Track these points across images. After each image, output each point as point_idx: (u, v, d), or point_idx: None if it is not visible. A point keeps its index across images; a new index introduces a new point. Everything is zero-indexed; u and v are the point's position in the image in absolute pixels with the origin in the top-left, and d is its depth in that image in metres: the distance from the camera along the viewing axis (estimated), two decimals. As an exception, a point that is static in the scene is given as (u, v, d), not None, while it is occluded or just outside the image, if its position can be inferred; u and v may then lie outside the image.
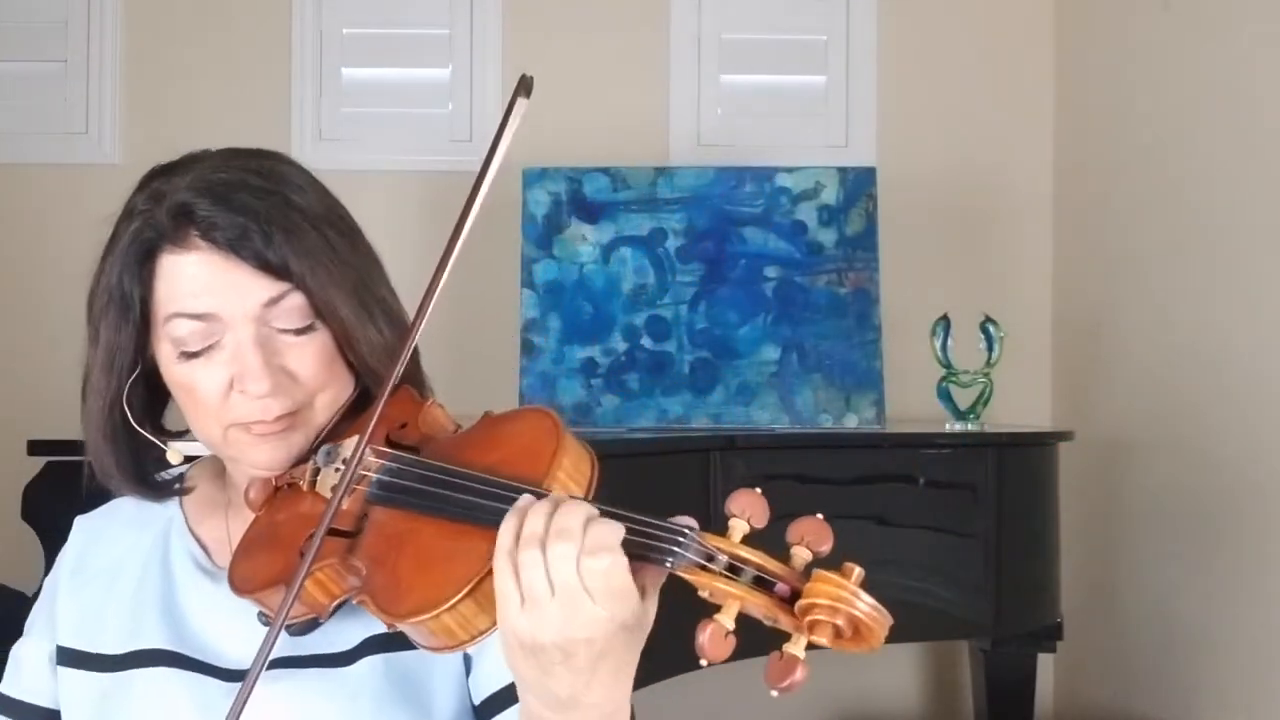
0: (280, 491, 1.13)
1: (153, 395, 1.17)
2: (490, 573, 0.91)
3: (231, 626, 1.15)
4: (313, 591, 1.03)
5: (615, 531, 0.87)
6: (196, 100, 3.27)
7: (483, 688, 1.13)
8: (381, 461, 1.05)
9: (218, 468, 1.23)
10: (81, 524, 1.26)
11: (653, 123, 3.33)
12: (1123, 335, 3.08)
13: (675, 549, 0.86)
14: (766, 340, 2.90)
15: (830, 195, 2.96)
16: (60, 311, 3.20)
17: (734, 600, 0.83)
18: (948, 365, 2.92)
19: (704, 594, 0.85)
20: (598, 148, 3.16)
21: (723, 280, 2.92)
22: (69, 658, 1.17)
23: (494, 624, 0.92)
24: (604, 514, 0.89)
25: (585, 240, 2.93)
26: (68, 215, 3.24)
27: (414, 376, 1.18)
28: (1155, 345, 2.93)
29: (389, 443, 1.08)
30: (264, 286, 1.09)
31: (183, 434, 1.18)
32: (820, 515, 0.86)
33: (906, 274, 3.22)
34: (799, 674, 0.81)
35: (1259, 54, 2.54)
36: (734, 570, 0.85)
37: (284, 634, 1.07)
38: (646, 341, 2.89)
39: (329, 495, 1.05)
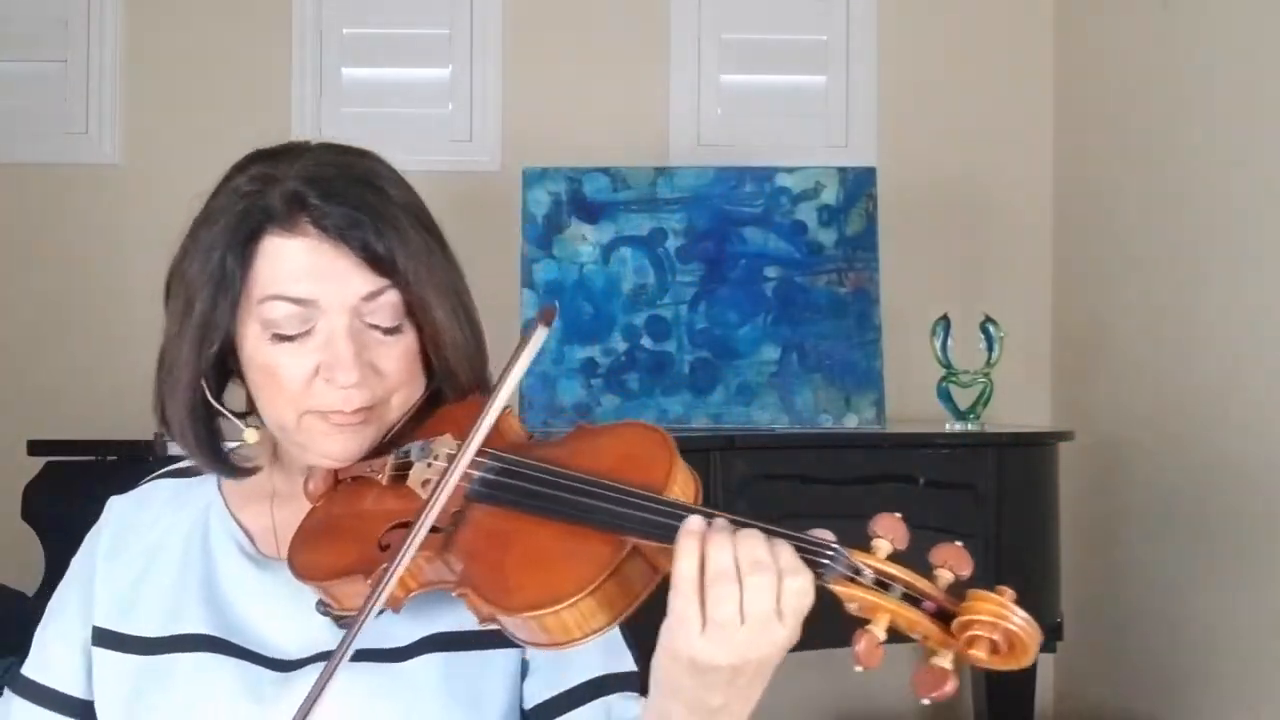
0: (343, 485, 1.15)
1: (217, 374, 1.17)
2: (614, 573, 0.94)
3: (279, 616, 1.15)
4: (395, 584, 1.04)
5: (795, 554, 0.90)
6: (196, 100, 3.27)
7: (539, 693, 1.14)
8: (484, 460, 1.07)
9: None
10: (116, 505, 1.25)
11: (653, 123, 3.33)
12: (1123, 335, 3.08)
13: (828, 562, 0.90)
14: (766, 340, 2.90)
15: (830, 195, 2.96)
16: (60, 311, 3.22)
17: (884, 613, 0.88)
18: (948, 365, 2.92)
19: (852, 607, 0.90)
20: (598, 148, 3.17)
21: (723, 280, 2.92)
22: (105, 639, 1.17)
23: (609, 624, 0.96)
24: (766, 532, 0.92)
25: (585, 240, 2.93)
26: (68, 215, 3.24)
27: (486, 383, 1.20)
28: (1155, 345, 2.92)
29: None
30: (365, 280, 1.11)
31: (244, 415, 1.19)
32: (960, 543, 0.91)
33: (906, 274, 3.22)
34: (950, 685, 0.86)
35: (1259, 54, 2.54)
36: (882, 585, 0.89)
37: (332, 626, 1.11)
38: (646, 341, 2.89)
39: (419, 490, 1.08)
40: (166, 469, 1.28)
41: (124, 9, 3.26)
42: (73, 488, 2.29)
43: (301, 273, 1.10)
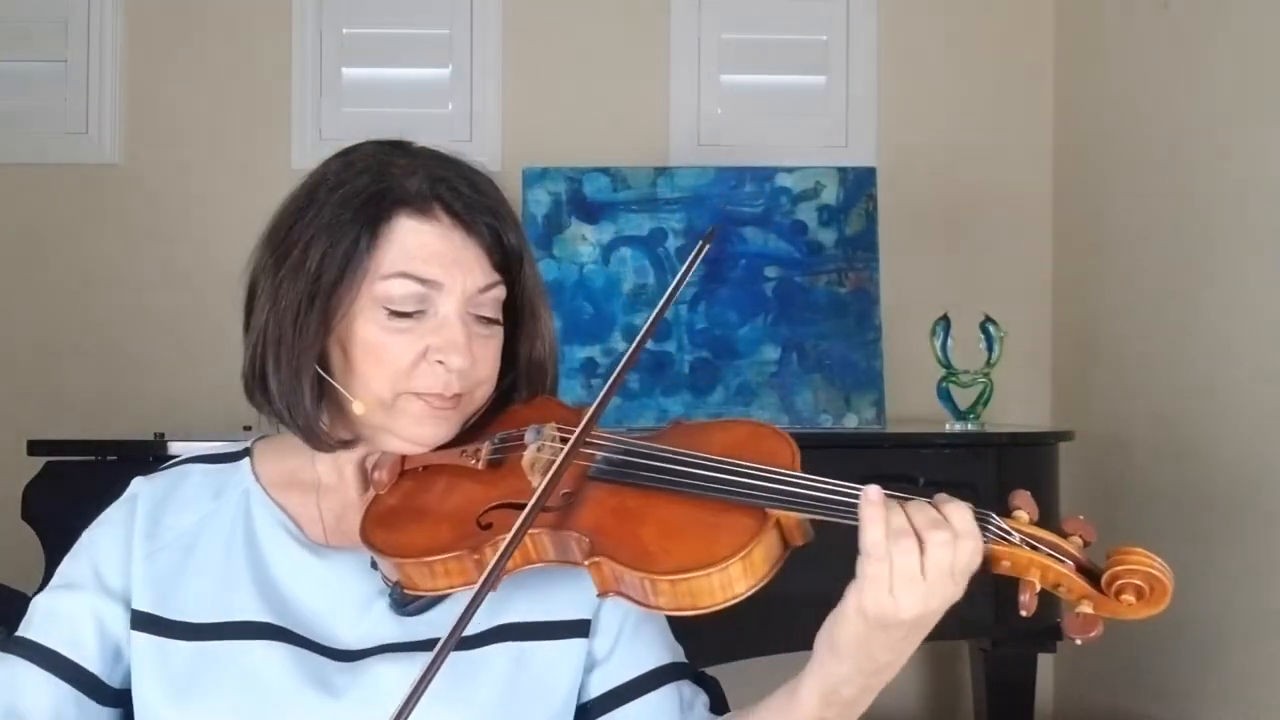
0: (412, 473, 1.17)
1: None
2: (760, 542, 1.01)
3: (337, 605, 1.15)
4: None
5: (968, 515, 0.99)
6: (196, 100, 3.27)
7: (609, 680, 1.18)
8: (602, 443, 1.13)
9: (284, 447, 1.23)
10: (144, 486, 1.23)
11: (653, 123, 3.33)
12: (1123, 335, 3.08)
13: (989, 526, 1.00)
14: (766, 340, 2.90)
15: (830, 195, 2.96)
16: (60, 311, 3.22)
17: (1036, 568, 1.00)
18: (948, 365, 2.92)
19: (1005, 565, 1.01)
20: (598, 148, 3.17)
21: (723, 280, 2.92)
22: (148, 623, 1.15)
23: (747, 591, 1.01)
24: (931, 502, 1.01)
25: (585, 240, 2.93)
26: (68, 215, 3.24)
27: (555, 388, 1.27)
28: (1155, 346, 2.92)
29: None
30: (485, 271, 1.17)
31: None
32: (1082, 516, 1.03)
33: (906, 274, 3.22)
34: (1100, 628, 1.00)
35: (1259, 54, 2.54)
36: (1031, 545, 1.00)
37: (392, 617, 1.13)
38: (647, 341, 2.89)
39: (529, 473, 1.11)
40: (190, 455, 1.27)
41: (124, 9, 3.26)
42: (73, 488, 2.29)
43: (431, 255, 1.14)
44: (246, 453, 1.26)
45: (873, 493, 1.01)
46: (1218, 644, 2.65)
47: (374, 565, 1.14)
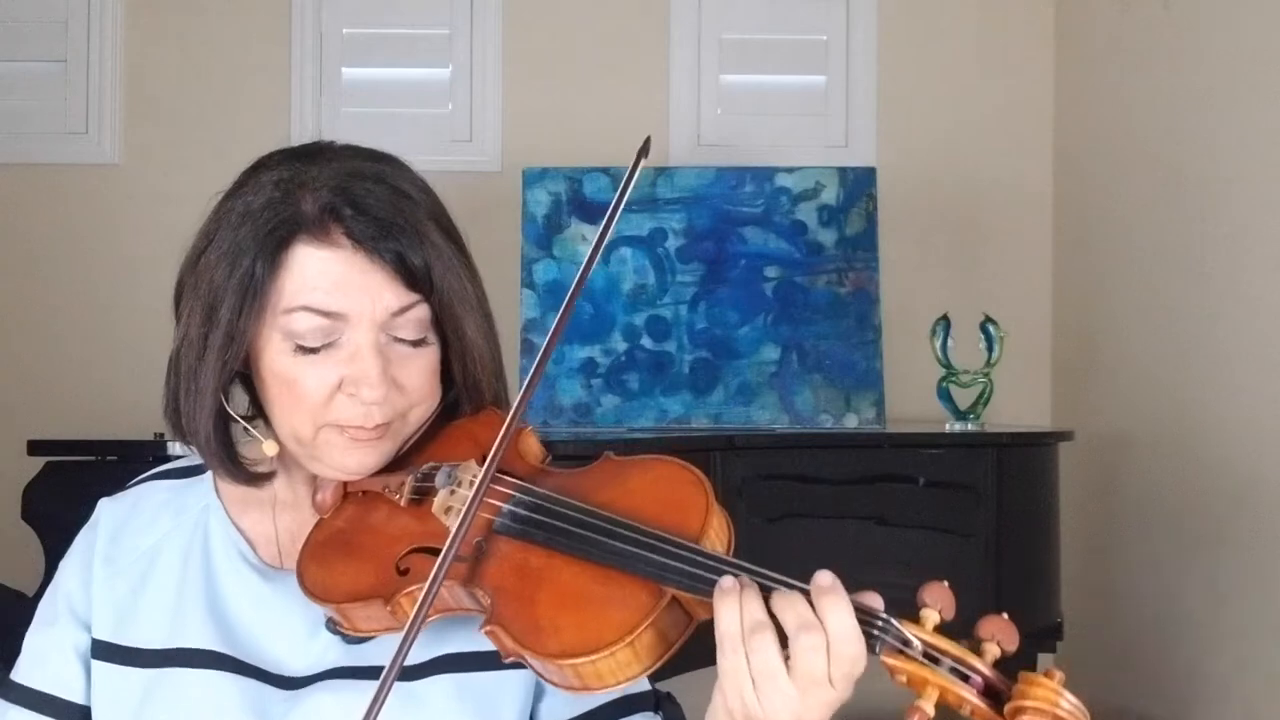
0: (353, 498, 1.13)
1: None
2: (653, 623, 0.93)
3: (285, 631, 1.12)
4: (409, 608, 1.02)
5: (847, 615, 0.89)
6: (196, 100, 3.27)
7: (558, 712, 1.13)
8: (510, 493, 1.05)
9: None
10: (109, 507, 1.20)
11: (653, 123, 3.32)
12: (1123, 335, 3.08)
13: (878, 632, 0.89)
14: (766, 340, 2.90)
15: (830, 195, 2.96)
16: (60, 311, 3.22)
17: (934, 688, 0.88)
18: (948, 365, 2.92)
19: (900, 679, 0.89)
20: (598, 148, 3.16)
21: (723, 280, 2.92)
22: (105, 652, 1.13)
23: (642, 672, 0.94)
24: (806, 594, 0.91)
25: (585, 240, 2.93)
26: (68, 215, 3.24)
27: (500, 397, 1.18)
28: (1155, 345, 2.92)
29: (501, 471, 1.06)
30: (397, 294, 1.08)
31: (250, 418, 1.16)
32: (1005, 615, 0.90)
33: (906, 274, 3.22)
34: None
35: (1259, 54, 2.54)
36: (931, 659, 0.88)
37: (340, 643, 1.09)
38: (646, 341, 2.89)
39: (443, 517, 1.06)
40: (157, 470, 1.24)
41: (124, 9, 3.26)
42: (73, 488, 2.29)
43: (332, 285, 1.07)
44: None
45: (726, 582, 0.92)
46: (1217, 643, 2.64)
47: None
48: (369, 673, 1.08)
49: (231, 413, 1.12)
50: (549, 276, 2.91)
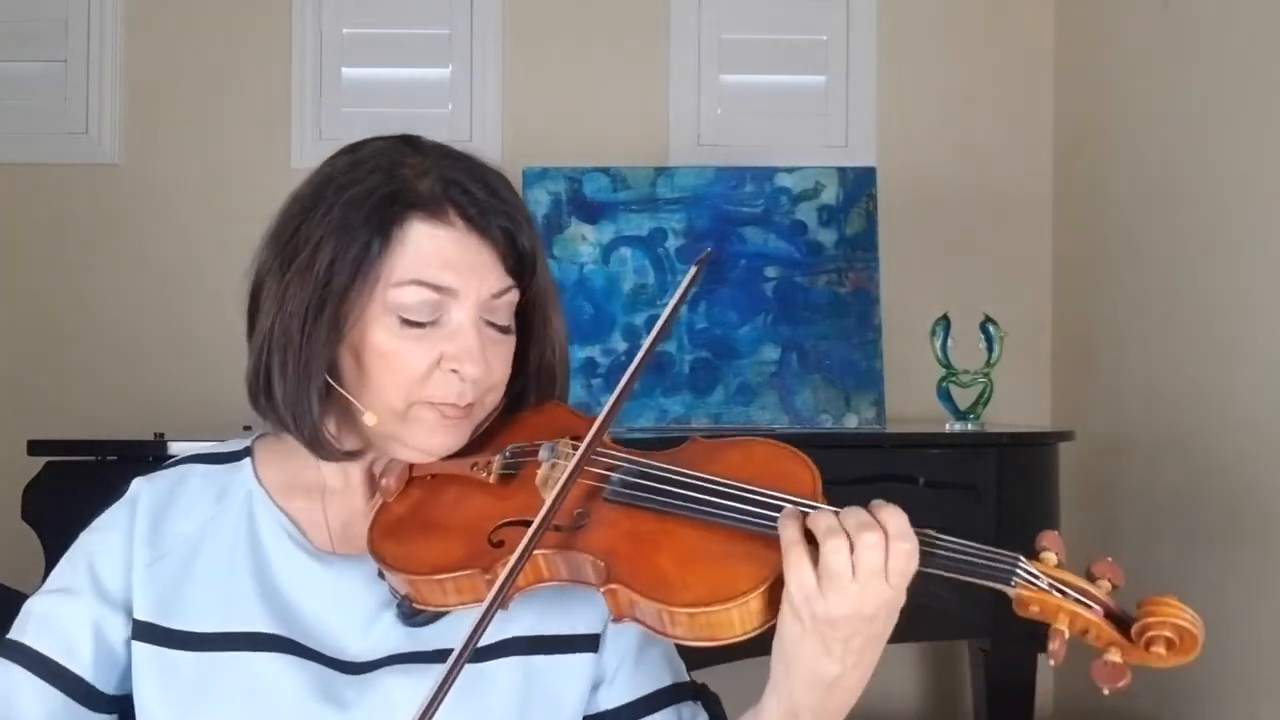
0: (420, 481, 1.15)
1: None
2: (780, 579, 0.99)
3: (344, 615, 1.13)
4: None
5: (902, 518, 1.00)
6: (196, 100, 3.27)
7: (614, 699, 1.16)
8: (615, 463, 1.10)
9: (286, 449, 1.20)
10: (145, 487, 1.19)
11: (653, 123, 3.33)
12: (1123, 335, 3.08)
13: (1017, 570, 0.99)
14: (766, 340, 2.90)
15: (830, 195, 2.96)
16: (60, 311, 3.22)
17: (1065, 614, 0.99)
18: (948, 365, 2.92)
19: (1033, 610, 0.99)
20: (598, 148, 3.17)
21: (723, 280, 2.92)
22: (150, 634, 1.13)
23: (765, 624, 1.01)
24: (925, 541, 1.02)
25: (585, 240, 2.93)
26: (68, 215, 3.24)
27: (566, 392, 1.23)
28: (1155, 345, 2.93)
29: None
30: (500, 277, 1.14)
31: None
32: (1111, 559, 1.04)
33: (906, 274, 3.22)
34: (1128, 677, 1.00)
35: (1259, 54, 2.54)
36: (1059, 590, 0.99)
37: (399, 627, 1.11)
38: (646, 341, 2.89)
39: (544, 489, 1.09)
40: (192, 454, 1.24)
41: (124, 9, 3.26)
42: (73, 488, 2.29)
43: (445, 262, 1.11)
44: (247, 452, 1.23)
45: (789, 508, 1.02)
46: (1217, 644, 2.64)
47: (381, 575, 1.12)
48: (433, 656, 1.10)
49: (337, 386, 1.13)
50: (549, 276, 2.91)
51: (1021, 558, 1.00)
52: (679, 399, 2.86)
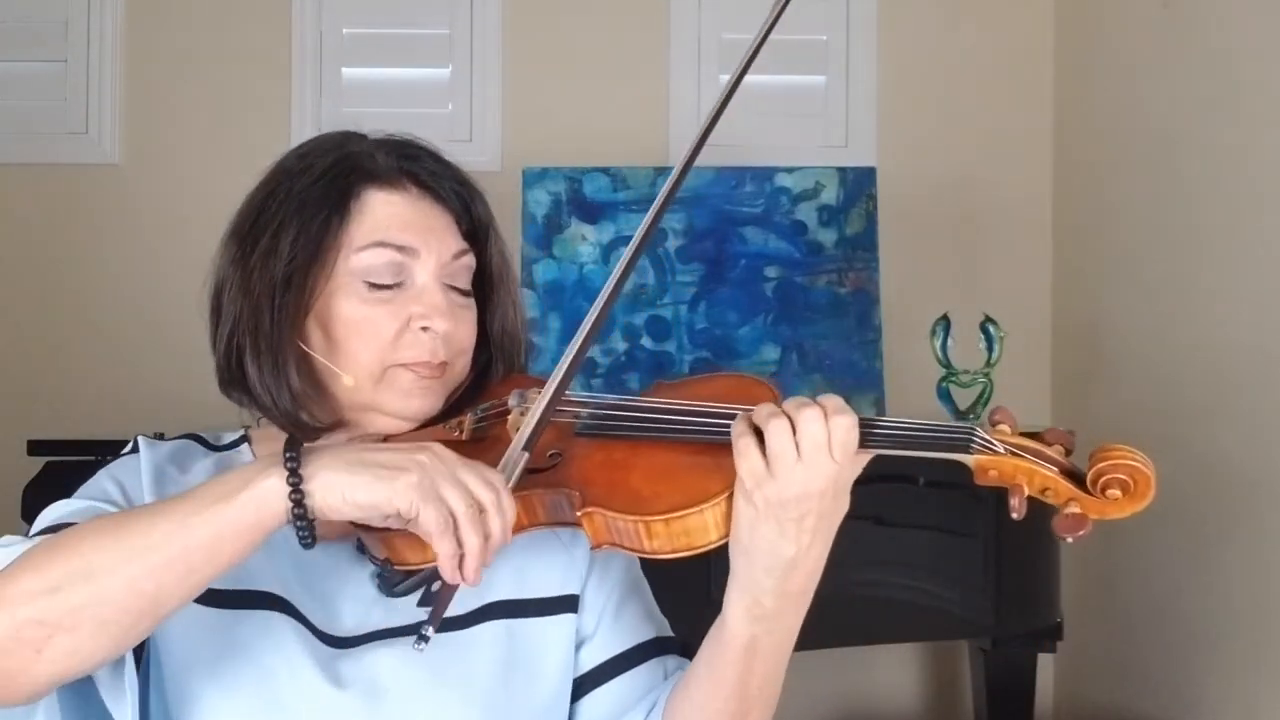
0: None
1: None
2: None
3: (334, 590, 1.14)
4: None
5: (838, 398, 1.04)
6: (196, 100, 3.27)
7: (597, 656, 1.19)
8: (584, 401, 1.15)
9: (277, 434, 1.21)
10: (147, 448, 1.22)
11: (653, 123, 3.32)
12: (1123, 335, 3.08)
13: (975, 438, 1.05)
14: (766, 340, 2.90)
15: (830, 195, 2.96)
16: (60, 311, 3.22)
17: (1023, 474, 1.04)
18: (948, 365, 2.92)
19: (991, 475, 1.05)
20: (598, 148, 3.16)
21: (723, 280, 2.92)
22: None
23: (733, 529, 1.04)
24: (866, 420, 1.06)
25: (585, 240, 2.93)
26: (68, 215, 3.24)
27: (526, 364, 1.28)
28: (1155, 345, 2.93)
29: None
30: (455, 238, 1.19)
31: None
32: (1061, 428, 1.07)
33: (906, 274, 3.22)
34: (1089, 526, 1.03)
35: (1259, 54, 2.54)
36: (1014, 454, 1.05)
37: (381, 605, 1.12)
38: (646, 341, 2.89)
39: (513, 431, 1.12)
40: (193, 434, 1.26)
41: (124, 9, 3.26)
42: (73, 488, 2.29)
43: (405, 223, 1.16)
44: (245, 439, 1.26)
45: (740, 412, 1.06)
46: (1217, 644, 2.65)
47: (360, 548, 1.13)
48: (410, 630, 1.11)
49: (312, 353, 1.16)
50: (549, 276, 2.91)
51: (977, 427, 1.06)
52: (679, 399, 2.86)
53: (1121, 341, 3.08)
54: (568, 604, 1.19)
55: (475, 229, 1.21)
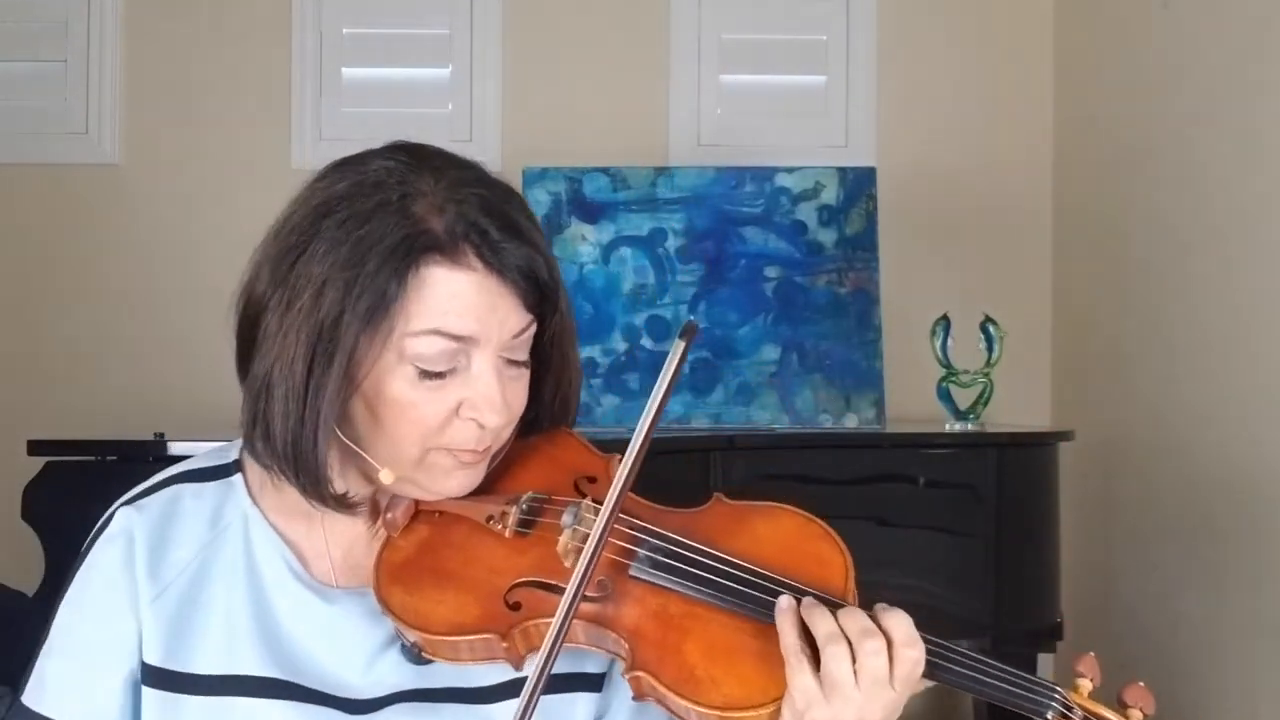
0: (426, 515, 1.10)
1: None
2: None
3: (347, 652, 1.08)
4: (529, 642, 1.03)
5: (906, 623, 0.99)
6: (196, 100, 3.27)
7: None
8: (639, 535, 1.05)
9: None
10: (136, 517, 1.11)
11: (653, 123, 3.32)
12: (1123, 335, 3.08)
13: (1050, 702, 1.00)
14: (766, 340, 2.90)
15: (830, 195, 2.96)
16: (60, 311, 3.22)
17: None
18: (948, 365, 2.91)
19: None
20: (598, 148, 3.16)
21: (723, 280, 2.92)
22: (158, 678, 1.07)
23: None
24: (935, 650, 1.03)
25: (585, 240, 2.93)
26: (68, 215, 3.24)
27: (574, 418, 1.18)
28: (1155, 346, 2.92)
29: (623, 510, 1.05)
30: (520, 317, 1.07)
31: None
32: (1142, 683, 1.03)
33: (906, 274, 3.22)
34: None
35: (1259, 54, 2.54)
36: None
37: (404, 663, 1.07)
38: (646, 341, 2.89)
39: (562, 555, 1.03)
40: (176, 471, 1.16)
41: (124, 9, 3.26)
42: (73, 488, 2.29)
43: (465, 308, 1.03)
44: (238, 466, 1.15)
45: (782, 601, 0.99)
46: (1217, 644, 2.64)
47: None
48: (441, 695, 1.07)
49: (352, 445, 1.06)
50: (549, 276, 2.91)
51: (1059, 689, 1.00)
52: (679, 399, 2.86)
53: (1121, 341, 3.08)
54: (593, 682, 1.12)
55: (542, 295, 1.08)
